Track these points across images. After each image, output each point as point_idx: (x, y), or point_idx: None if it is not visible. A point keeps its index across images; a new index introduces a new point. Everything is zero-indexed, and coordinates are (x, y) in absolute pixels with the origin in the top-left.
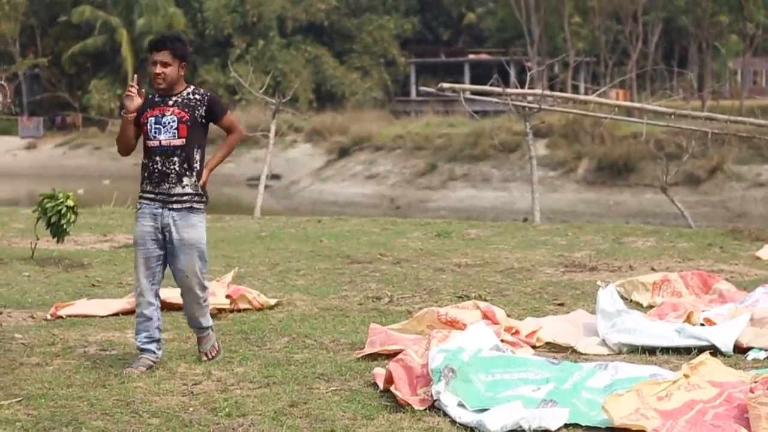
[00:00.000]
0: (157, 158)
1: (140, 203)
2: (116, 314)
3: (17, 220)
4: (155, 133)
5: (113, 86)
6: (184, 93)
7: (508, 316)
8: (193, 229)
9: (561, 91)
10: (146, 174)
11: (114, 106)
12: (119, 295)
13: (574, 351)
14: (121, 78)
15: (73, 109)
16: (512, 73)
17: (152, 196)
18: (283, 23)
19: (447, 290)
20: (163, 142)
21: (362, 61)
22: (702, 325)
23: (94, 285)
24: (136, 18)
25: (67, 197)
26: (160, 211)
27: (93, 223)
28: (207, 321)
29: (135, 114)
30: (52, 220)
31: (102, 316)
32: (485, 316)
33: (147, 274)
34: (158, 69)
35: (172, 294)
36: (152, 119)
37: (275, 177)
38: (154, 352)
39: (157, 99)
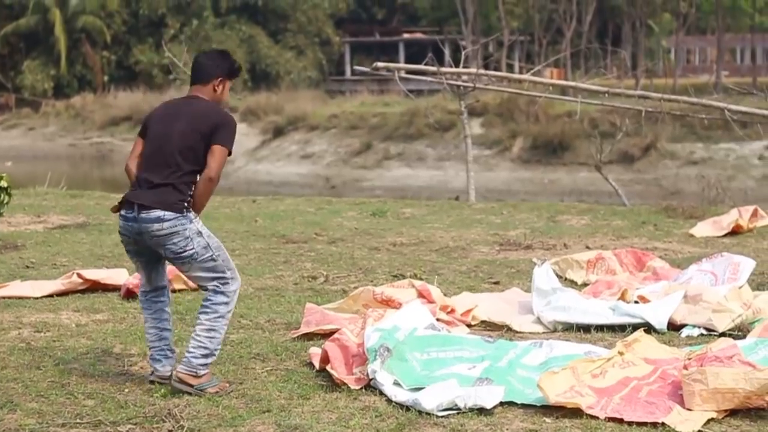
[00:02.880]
0: None
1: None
2: (50, 296)
3: None
4: None
5: (46, 67)
6: None
7: (444, 294)
8: None
9: (496, 70)
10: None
11: (47, 86)
12: (53, 277)
13: (509, 329)
14: (54, 59)
15: (6, 90)
16: (447, 52)
17: None
18: (217, 3)
19: (382, 269)
20: None
21: (297, 41)
22: (636, 302)
23: (28, 266)
24: None
25: (0, 178)
26: None
27: (27, 204)
28: None
29: None
30: None
31: (36, 298)
32: (421, 295)
33: None
34: None
35: (107, 275)
36: None
37: None
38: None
39: None
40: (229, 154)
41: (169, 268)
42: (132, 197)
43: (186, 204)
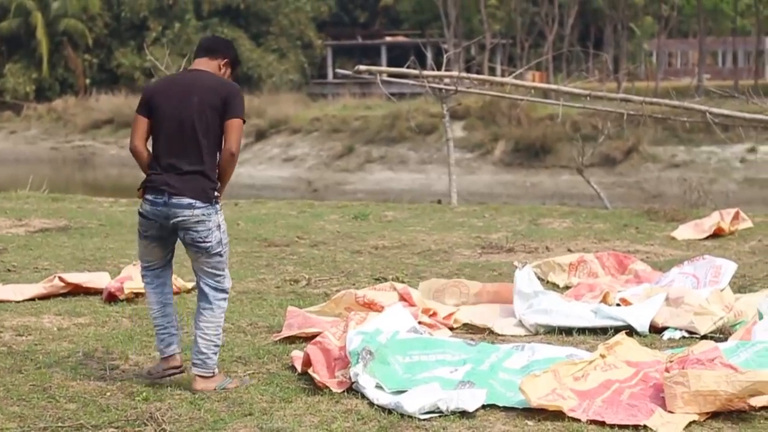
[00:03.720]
0: None
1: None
2: (32, 299)
3: None
4: None
5: (28, 70)
6: None
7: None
8: None
9: (477, 73)
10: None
11: (29, 89)
12: (35, 280)
13: (491, 332)
14: (36, 62)
15: None
16: (429, 55)
17: None
18: (199, 6)
19: (364, 272)
20: None
21: (279, 44)
22: (618, 305)
23: (9, 270)
24: (50, 1)
25: None
26: None
27: (8, 207)
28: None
29: None
30: None
31: (17, 302)
32: (402, 298)
33: None
34: None
35: (89, 278)
36: None
37: None
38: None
39: None
40: (244, 122)
41: None
42: (161, 184)
43: (216, 193)
